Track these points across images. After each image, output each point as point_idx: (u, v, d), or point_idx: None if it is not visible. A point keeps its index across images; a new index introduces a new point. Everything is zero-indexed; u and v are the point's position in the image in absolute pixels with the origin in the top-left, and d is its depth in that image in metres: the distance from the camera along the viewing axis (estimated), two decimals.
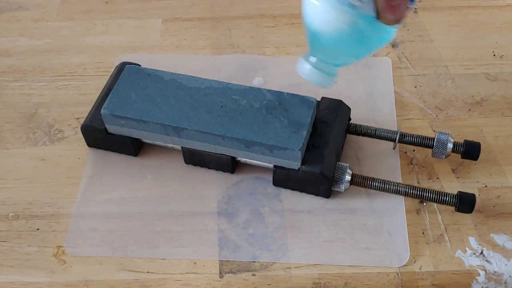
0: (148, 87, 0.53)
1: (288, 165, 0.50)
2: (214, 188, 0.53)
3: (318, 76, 0.45)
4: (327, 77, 0.45)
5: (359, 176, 0.51)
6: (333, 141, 0.51)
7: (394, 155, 0.55)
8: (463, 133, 0.57)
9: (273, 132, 0.49)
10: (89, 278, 0.48)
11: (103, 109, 0.52)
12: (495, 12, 0.69)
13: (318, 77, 0.45)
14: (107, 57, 0.65)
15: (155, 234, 0.50)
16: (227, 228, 0.51)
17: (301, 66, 0.45)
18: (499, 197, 0.52)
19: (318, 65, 0.45)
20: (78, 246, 0.50)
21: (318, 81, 0.45)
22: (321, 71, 0.45)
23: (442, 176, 0.54)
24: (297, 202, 0.52)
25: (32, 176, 0.55)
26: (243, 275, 0.48)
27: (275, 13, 0.70)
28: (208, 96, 0.52)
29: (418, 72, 0.63)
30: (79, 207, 0.52)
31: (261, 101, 0.52)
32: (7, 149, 0.57)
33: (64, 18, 0.70)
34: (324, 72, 0.45)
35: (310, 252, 0.49)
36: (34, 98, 0.61)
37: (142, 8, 0.71)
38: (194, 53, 0.65)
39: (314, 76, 0.45)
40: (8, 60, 0.65)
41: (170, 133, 0.51)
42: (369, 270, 0.48)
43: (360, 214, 0.51)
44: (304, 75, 0.45)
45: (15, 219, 0.52)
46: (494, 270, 0.48)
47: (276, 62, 0.64)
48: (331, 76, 0.45)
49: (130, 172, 0.55)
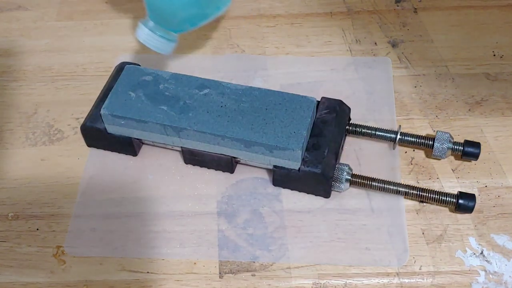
0: (148, 87, 0.53)
1: (288, 165, 0.50)
2: (214, 188, 0.53)
3: (156, 41, 0.44)
4: (166, 42, 0.44)
5: (359, 176, 0.51)
6: (333, 141, 0.51)
7: (394, 155, 0.55)
8: (463, 133, 0.57)
9: (273, 132, 0.49)
10: (89, 278, 0.48)
11: (103, 109, 0.52)
12: (495, 12, 0.69)
13: (156, 41, 0.44)
14: (107, 57, 0.65)
15: (155, 234, 0.50)
16: (227, 228, 0.51)
17: (140, 31, 0.44)
18: (499, 197, 0.52)
19: (156, 30, 0.44)
20: (78, 246, 0.50)
21: (156, 46, 0.45)
22: (159, 36, 0.44)
23: (442, 176, 0.54)
24: (297, 202, 0.52)
25: (31, 176, 0.55)
26: (243, 275, 0.48)
27: (275, 13, 0.70)
28: (208, 96, 0.52)
29: (418, 72, 0.63)
30: (78, 207, 0.52)
31: (261, 101, 0.52)
32: (6, 149, 0.57)
33: (64, 18, 0.70)
34: (163, 37, 0.44)
35: (310, 252, 0.49)
36: (34, 98, 0.61)
37: (142, 8, 0.70)
38: (194, 53, 0.65)
39: (152, 41, 0.44)
40: (8, 60, 0.65)
41: (170, 133, 0.51)
42: (369, 270, 0.48)
43: (360, 214, 0.51)
44: (142, 40, 0.44)
45: (15, 219, 0.52)
46: (494, 270, 0.48)
47: (276, 62, 0.64)
48: (169, 41, 0.44)
49: (130, 172, 0.55)
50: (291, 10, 0.70)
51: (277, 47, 0.66)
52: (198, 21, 0.41)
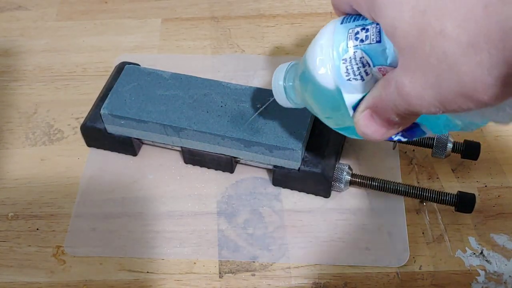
0: (148, 87, 0.53)
1: (288, 165, 0.50)
2: (214, 188, 0.53)
3: (282, 97, 0.43)
4: (289, 103, 0.44)
5: (359, 176, 0.51)
6: (333, 141, 0.51)
7: (394, 155, 0.55)
8: (463, 133, 0.57)
9: (273, 132, 0.49)
10: (89, 278, 0.48)
11: (103, 109, 0.52)
12: None
13: (281, 98, 0.43)
14: (106, 57, 0.65)
15: (155, 234, 0.50)
16: (227, 228, 0.50)
17: (277, 75, 0.43)
18: (499, 197, 0.52)
19: (289, 90, 0.43)
20: (78, 246, 0.50)
21: (279, 99, 0.44)
22: (287, 96, 0.43)
23: (442, 176, 0.54)
24: (297, 202, 0.52)
25: (31, 176, 0.55)
26: (242, 275, 0.48)
27: (274, 13, 0.70)
28: (207, 96, 0.52)
29: None
30: (78, 207, 0.52)
31: (261, 101, 0.52)
32: (6, 149, 0.57)
33: (63, 18, 0.70)
34: (289, 98, 0.43)
35: (310, 252, 0.49)
36: (34, 98, 0.61)
37: (141, 8, 0.71)
38: (194, 53, 0.65)
39: (278, 94, 0.43)
40: (8, 60, 0.65)
41: (169, 133, 0.51)
42: (369, 270, 0.48)
43: (360, 214, 0.51)
44: (273, 85, 0.44)
45: (15, 219, 0.52)
46: (494, 270, 0.48)
47: (276, 62, 0.64)
48: (293, 103, 0.44)
49: (130, 172, 0.55)
50: (291, 10, 0.70)
51: (277, 47, 0.66)
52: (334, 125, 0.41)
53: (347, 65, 0.35)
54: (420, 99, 0.29)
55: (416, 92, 0.29)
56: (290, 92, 0.43)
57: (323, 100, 0.37)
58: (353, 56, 0.34)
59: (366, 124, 0.34)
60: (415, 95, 0.29)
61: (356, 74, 0.34)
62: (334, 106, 0.37)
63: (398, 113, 0.32)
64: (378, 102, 0.33)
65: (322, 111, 0.39)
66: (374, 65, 0.34)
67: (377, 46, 0.33)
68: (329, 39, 0.36)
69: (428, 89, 0.29)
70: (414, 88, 0.29)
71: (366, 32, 0.34)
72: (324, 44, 0.36)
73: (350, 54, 0.34)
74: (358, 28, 0.34)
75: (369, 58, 0.34)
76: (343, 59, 0.35)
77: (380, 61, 0.33)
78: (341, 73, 0.35)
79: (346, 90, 0.35)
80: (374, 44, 0.33)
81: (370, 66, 0.34)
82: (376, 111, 0.33)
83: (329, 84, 0.36)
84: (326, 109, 0.38)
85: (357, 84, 0.35)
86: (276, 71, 0.44)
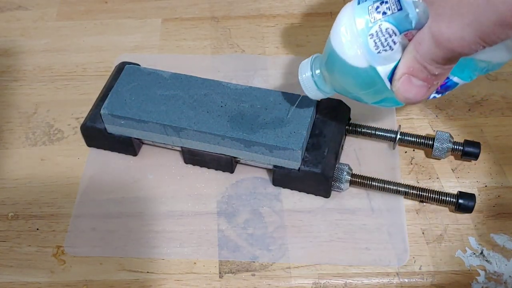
0: (148, 87, 0.53)
1: (288, 165, 0.50)
2: (214, 188, 0.53)
3: (312, 89, 0.44)
4: (319, 93, 0.44)
5: (359, 176, 0.51)
6: (333, 141, 0.51)
7: (394, 155, 0.55)
8: (463, 133, 0.57)
9: (273, 132, 0.49)
10: (89, 278, 0.48)
11: (103, 109, 0.52)
12: None
13: (311, 89, 0.44)
14: (107, 57, 0.65)
15: (155, 234, 0.50)
16: (227, 228, 0.50)
17: (303, 69, 0.44)
18: (499, 197, 0.52)
19: (318, 80, 0.44)
20: (78, 246, 0.50)
21: (309, 92, 0.44)
22: (317, 86, 0.44)
23: (442, 176, 0.54)
24: (297, 202, 0.52)
25: (31, 176, 0.55)
26: (242, 275, 0.48)
27: (274, 13, 0.70)
28: (208, 96, 0.52)
29: None
30: (78, 207, 0.52)
31: (261, 101, 0.52)
32: (6, 149, 0.57)
33: (63, 18, 0.70)
34: (319, 88, 0.44)
35: (310, 252, 0.49)
36: (34, 98, 0.61)
37: (141, 8, 0.71)
38: (194, 53, 0.65)
39: (307, 86, 0.44)
40: (8, 60, 0.65)
41: (170, 133, 0.51)
42: (369, 270, 0.48)
43: (360, 214, 0.51)
44: (300, 79, 0.44)
45: (15, 219, 0.52)
46: (494, 270, 0.48)
47: (276, 62, 0.64)
48: (324, 93, 0.44)
49: (130, 172, 0.55)
50: (291, 10, 0.70)
51: (277, 47, 0.66)
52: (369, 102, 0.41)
53: (375, 39, 0.36)
54: (461, 40, 0.31)
55: (456, 35, 0.31)
56: (320, 82, 0.44)
57: (358, 80, 0.39)
58: (379, 29, 0.36)
59: (406, 89, 0.36)
60: (455, 38, 0.31)
61: (385, 45, 0.36)
62: (369, 82, 0.39)
63: (436, 66, 0.33)
64: (413, 64, 0.34)
65: (357, 90, 0.40)
66: (400, 32, 0.35)
67: (400, 14, 0.35)
68: (351, 21, 0.37)
69: (467, 28, 0.30)
70: (454, 31, 0.31)
71: (386, 4, 0.35)
72: (348, 26, 0.37)
73: (376, 29, 0.36)
74: (377, 3, 0.36)
75: (395, 27, 0.35)
76: (369, 35, 0.36)
77: (406, 26, 0.35)
78: (370, 48, 0.37)
79: (378, 63, 0.37)
80: (396, 13, 0.35)
81: (396, 35, 0.36)
82: (413, 73, 0.35)
83: (361, 63, 0.38)
84: (361, 87, 0.40)
85: (387, 55, 0.37)
86: (300, 67, 0.45)
